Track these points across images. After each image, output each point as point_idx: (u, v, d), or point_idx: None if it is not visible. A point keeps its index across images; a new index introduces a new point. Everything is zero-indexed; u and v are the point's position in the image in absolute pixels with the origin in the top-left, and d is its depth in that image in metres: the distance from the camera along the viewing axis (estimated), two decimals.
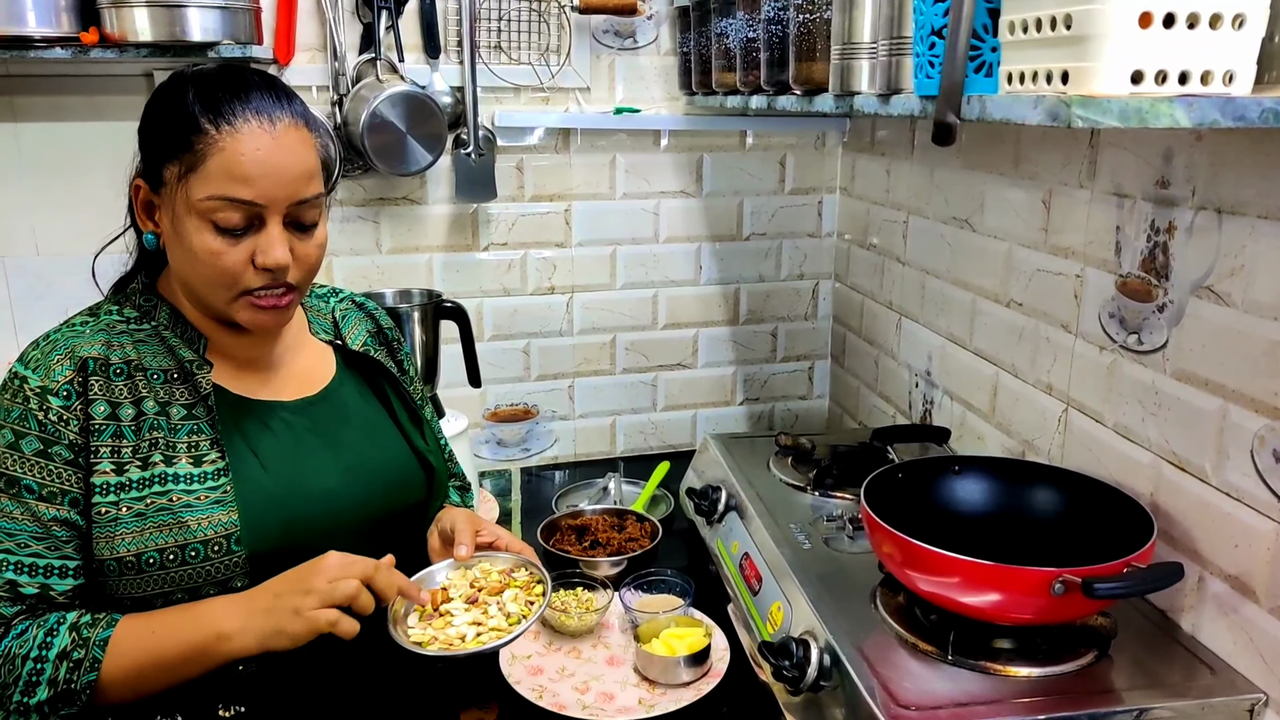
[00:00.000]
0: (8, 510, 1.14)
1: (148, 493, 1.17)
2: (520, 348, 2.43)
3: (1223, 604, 1.29)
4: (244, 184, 1.14)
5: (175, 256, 1.22)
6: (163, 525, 1.16)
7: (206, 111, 1.15)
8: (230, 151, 1.14)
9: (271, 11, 2.07)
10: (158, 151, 1.18)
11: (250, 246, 1.17)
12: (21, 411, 1.15)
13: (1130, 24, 0.86)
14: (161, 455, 1.19)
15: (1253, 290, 1.21)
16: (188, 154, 1.14)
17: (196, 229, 1.16)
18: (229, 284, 1.19)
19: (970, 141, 1.84)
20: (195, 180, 1.14)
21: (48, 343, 1.20)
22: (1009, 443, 1.77)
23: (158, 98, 1.20)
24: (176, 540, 1.17)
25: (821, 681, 1.31)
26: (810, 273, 2.55)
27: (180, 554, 1.17)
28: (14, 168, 2.10)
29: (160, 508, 1.17)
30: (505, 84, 2.24)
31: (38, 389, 1.15)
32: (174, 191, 1.16)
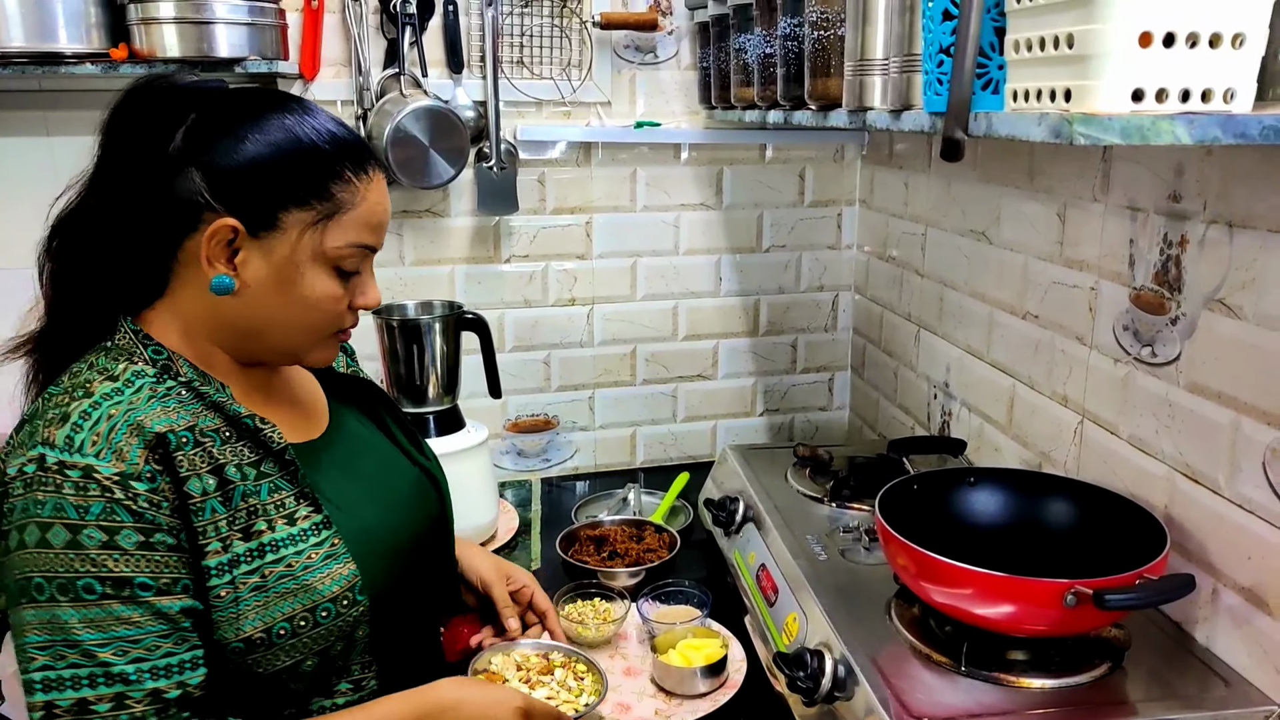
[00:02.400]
0: (126, 616, 1.01)
1: (260, 564, 1.10)
2: (541, 359, 2.46)
3: (1236, 616, 1.30)
4: (375, 232, 1.17)
5: (256, 303, 1.13)
6: (287, 593, 1.11)
7: (347, 162, 1.13)
8: (371, 200, 1.15)
9: (297, 28, 2.10)
10: (278, 197, 1.10)
11: (351, 289, 1.18)
12: (104, 505, 1.00)
13: (1131, 43, 0.87)
14: (264, 521, 1.12)
15: (1264, 303, 1.22)
16: (325, 202, 1.11)
17: (320, 275, 1.14)
18: (332, 325, 1.19)
19: (986, 155, 1.86)
20: (334, 228, 1.12)
21: (95, 421, 1.04)
22: (1026, 454, 1.77)
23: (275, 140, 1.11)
24: (305, 605, 1.12)
25: (836, 693, 1.32)
26: (830, 284, 2.56)
27: (311, 618, 1.12)
28: (48, 181, 2.11)
29: (280, 575, 1.11)
30: (527, 98, 2.26)
31: (115, 477, 1.01)
32: (296, 238, 1.11)
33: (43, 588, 0.99)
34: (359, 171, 1.14)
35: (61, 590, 0.99)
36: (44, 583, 0.99)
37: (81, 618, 0.99)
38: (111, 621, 1.00)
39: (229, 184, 1.08)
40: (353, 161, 1.14)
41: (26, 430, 1.06)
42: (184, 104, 1.12)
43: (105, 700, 0.99)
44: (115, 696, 0.99)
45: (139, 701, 1.00)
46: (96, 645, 0.99)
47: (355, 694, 1.21)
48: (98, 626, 1.00)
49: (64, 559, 0.99)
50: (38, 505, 1.00)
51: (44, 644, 0.99)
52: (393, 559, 1.25)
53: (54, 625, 0.99)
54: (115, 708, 0.99)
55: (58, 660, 0.98)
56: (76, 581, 0.99)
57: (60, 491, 1.00)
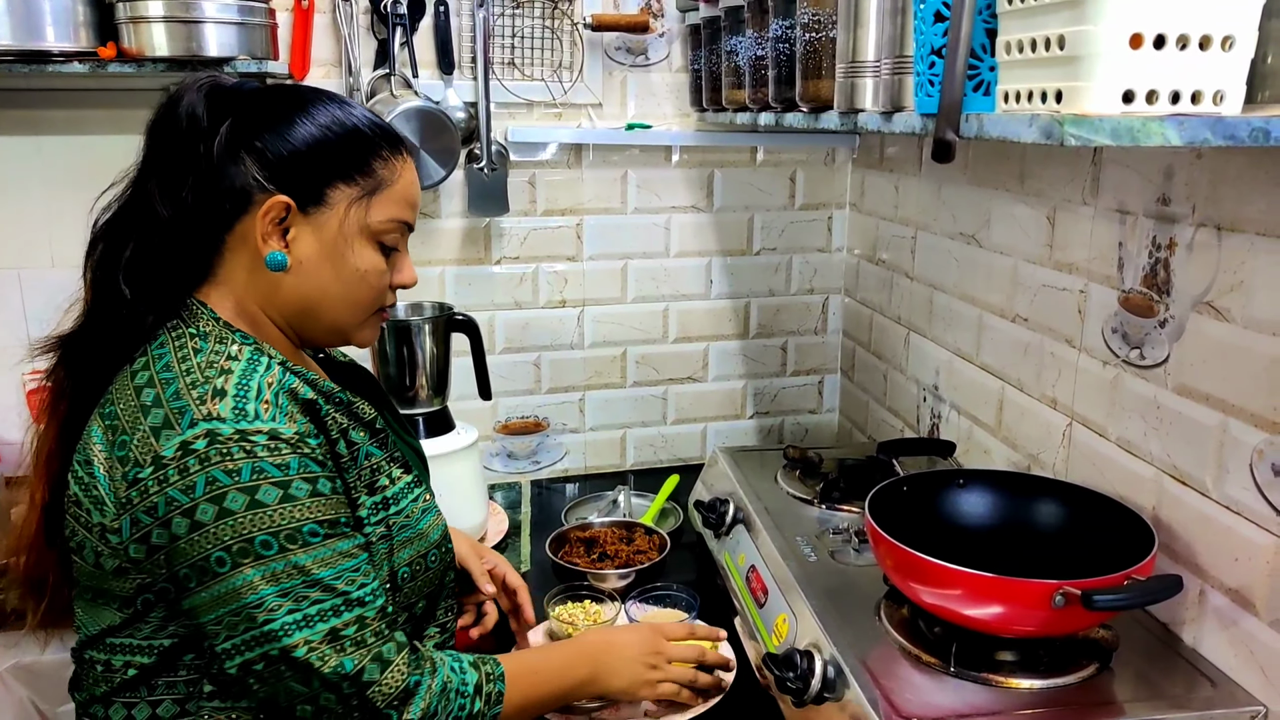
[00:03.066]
0: (346, 550, 1.12)
1: (385, 515, 1.23)
2: (531, 361, 2.45)
3: (1223, 617, 1.30)
4: (412, 209, 1.26)
5: (310, 278, 1.21)
6: (406, 541, 1.25)
7: (384, 141, 1.22)
8: (407, 179, 1.24)
9: (287, 27, 2.10)
10: (325, 173, 1.18)
11: (391, 266, 1.27)
12: (299, 461, 1.10)
13: (1122, 45, 0.87)
14: (385, 478, 1.25)
15: (1252, 306, 1.22)
16: (368, 178, 1.20)
17: (365, 249, 1.22)
18: (378, 301, 1.27)
19: (976, 158, 1.86)
20: (378, 202, 1.21)
21: (256, 391, 1.11)
22: (1015, 457, 1.78)
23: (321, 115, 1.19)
24: (419, 550, 1.27)
25: (825, 693, 1.32)
26: (820, 287, 2.57)
27: (423, 562, 1.28)
28: (34, 180, 2.13)
29: (402, 525, 1.25)
30: (518, 100, 2.26)
31: (295, 437, 1.11)
32: (344, 212, 1.19)
33: (269, 543, 1.06)
34: (396, 152, 1.24)
35: (290, 540, 1.07)
36: (269, 538, 1.06)
37: (314, 559, 1.08)
38: (337, 557, 1.10)
39: (279, 165, 1.17)
40: (390, 143, 1.23)
41: (159, 415, 1.09)
42: (227, 102, 1.19)
43: (350, 624, 1.09)
44: (357, 619, 1.10)
45: (375, 619, 1.12)
46: (333, 579, 1.09)
47: (441, 636, 1.36)
48: (328, 564, 1.09)
49: (283, 513, 1.07)
50: (230, 475, 1.05)
51: (284, 591, 1.06)
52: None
53: (291, 571, 1.07)
54: (359, 628, 1.10)
55: (301, 601, 1.07)
56: (302, 529, 1.08)
57: (254, 456, 1.07)
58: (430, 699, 1.13)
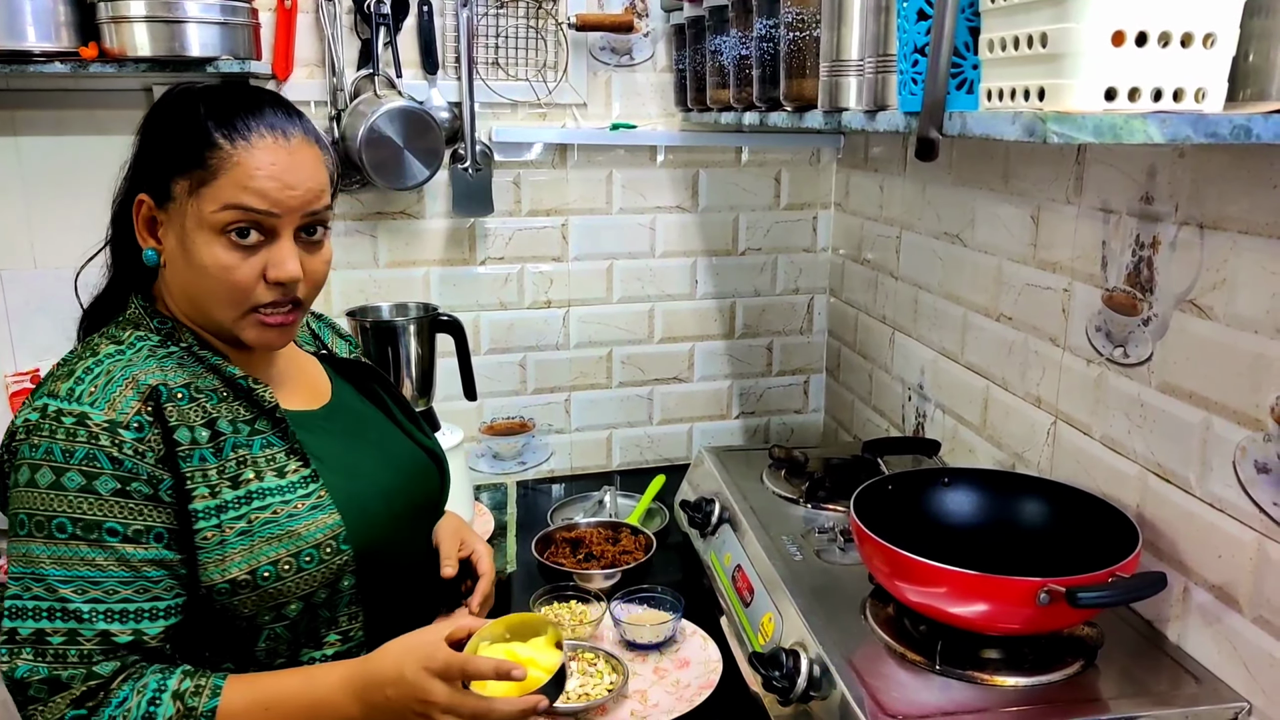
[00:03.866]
0: (90, 558, 1.08)
1: (247, 510, 1.17)
2: (517, 361, 2.45)
3: (1207, 614, 1.31)
4: (258, 196, 1.15)
5: (180, 274, 1.19)
6: (272, 538, 1.17)
7: (221, 126, 1.15)
8: (245, 165, 1.14)
9: (270, 27, 2.09)
10: (166, 166, 1.16)
11: (262, 261, 1.17)
12: (88, 451, 1.08)
13: (1104, 42, 0.87)
14: (251, 471, 1.19)
15: (1234, 304, 1.23)
16: (199, 169, 1.14)
17: (207, 243, 1.15)
18: (240, 300, 1.18)
19: (961, 158, 1.86)
20: (208, 193, 1.14)
21: (95, 375, 1.14)
22: (999, 455, 1.78)
23: (164, 112, 1.20)
24: (289, 550, 1.18)
25: (811, 692, 1.32)
26: (805, 287, 2.57)
27: (295, 562, 1.19)
28: (14, 181, 2.12)
29: (265, 521, 1.17)
30: (503, 100, 2.26)
31: (104, 424, 1.09)
32: (183, 206, 1.16)
33: (24, 524, 1.09)
34: (233, 135, 1.15)
35: (38, 527, 1.08)
36: (25, 519, 1.09)
37: (50, 555, 1.08)
38: (76, 561, 1.08)
39: (139, 161, 1.21)
40: (227, 126, 1.16)
41: (38, 388, 1.16)
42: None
43: (59, 634, 1.07)
44: (68, 632, 1.07)
45: (88, 640, 1.08)
46: (59, 581, 1.08)
47: (344, 645, 1.26)
48: (63, 564, 1.08)
49: (45, 499, 1.08)
50: (33, 449, 1.09)
51: (17, 575, 1.09)
52: (386, 519, 1.31)
53: (27, 559, 1.08)
54: (67, 642, 1.07)
55: (25, 592, 1.08)
56: (51, 520, 1.08)
57: (54, 437, 1.09)
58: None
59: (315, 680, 1.17)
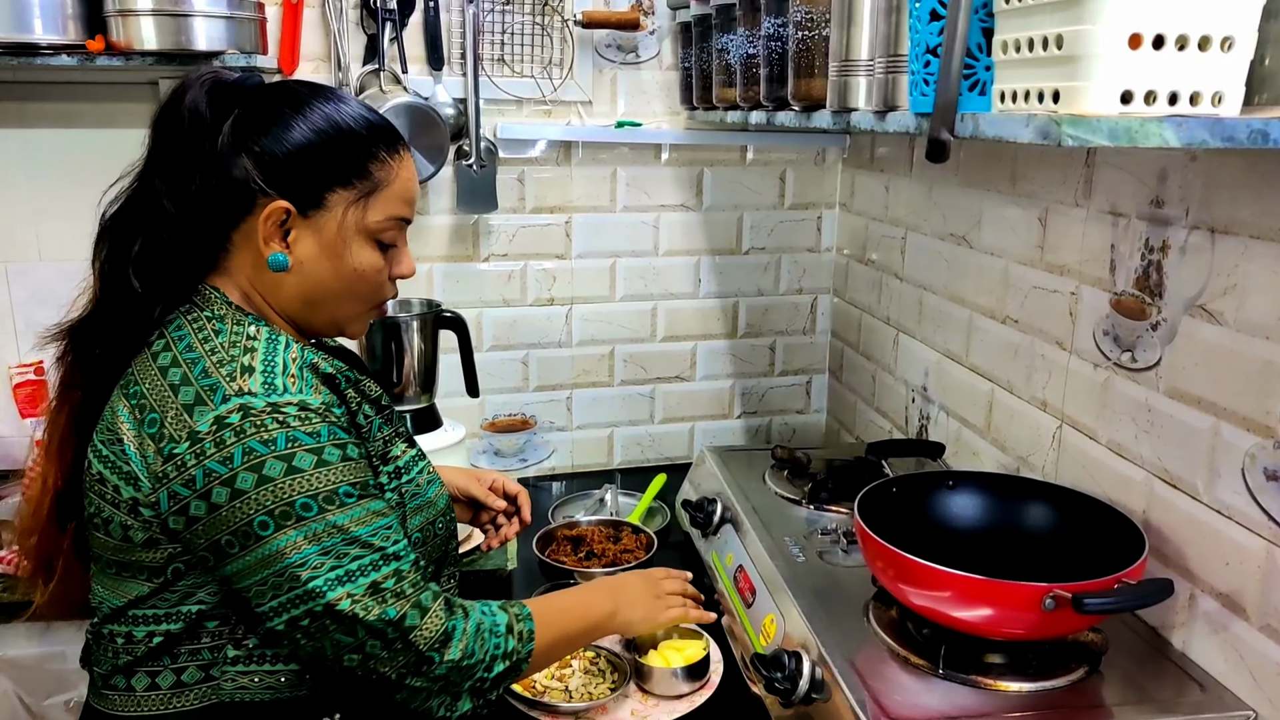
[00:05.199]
0: (378, 509, 1.17)
1: (398, 483, 1.28)
2: (519, 358, 2.44)
3: (1213, 621, 1.30)
4: (409, 206, 1.28)
5: (312, 277, 1.24)
6: (418, 508, 1.30)
7: (380, 141, 1.24)
8: (404, 176, 1.26)
9: (276, 22, 2.08)
10: (323, 178, 1.21)
11: (389, 260, 1.29)
12: (328, 429, 1.15)
13: (1120, 45, 0.87)
14: (397, 449, 1.31)
15: (1245, 309, 1.22)
16: (364, 180, 1.22)
17: (364, 248, 1.25)
18: (377, 295, 1.31)
19: (968, 159, 1.86)
20: (374, 204, 1.23)
21: (282, 367, 1.18)
22: (1004, 459, 1.78)
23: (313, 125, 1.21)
24: (429, 517, 1.32)
25: (813, 694, 1.32)
26: (809, 287, 2.56)
27: (432, 529, 1.33)
28: (20, 173, 2.11)
29: (413, 493, 1.30)
30: (508, 96, 2.25)
31: (321, 407, 1.16)
32: (341, 215, 1.22)
33: (309, 505, 1.11)
34: (392, 151, 1.25)
35: (328, 501, 1.12)
36: (310, 501, 1.11)
37: (351, 518, 1.13)
38: (371, 516, 1.15)
39: (278, 169, 1.19)
40: (386, 143, 1.25)
41: (190, 392, 1.13)
42: (228, 99, 1.21)
43: (389, 577, 1.14)
44: (394, 573, 1.15)
45: (410, 571, 1.17)
46: (370, 536, 1.14)
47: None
48: (364, 522, 1.14)
49: (319, 477, 1.12)
50: (266, 445, 1.10)
51: (325, 549, 1.11)
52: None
53: (331, 531, 1.12)
54: (397, 580, 1.15)
55: (342, 558, 1.12)
56: (338, 490, 1.13)
57: (287, 426, 1.12)
58: (467, 640, 1.19)
59: (564, 592, 1.46)
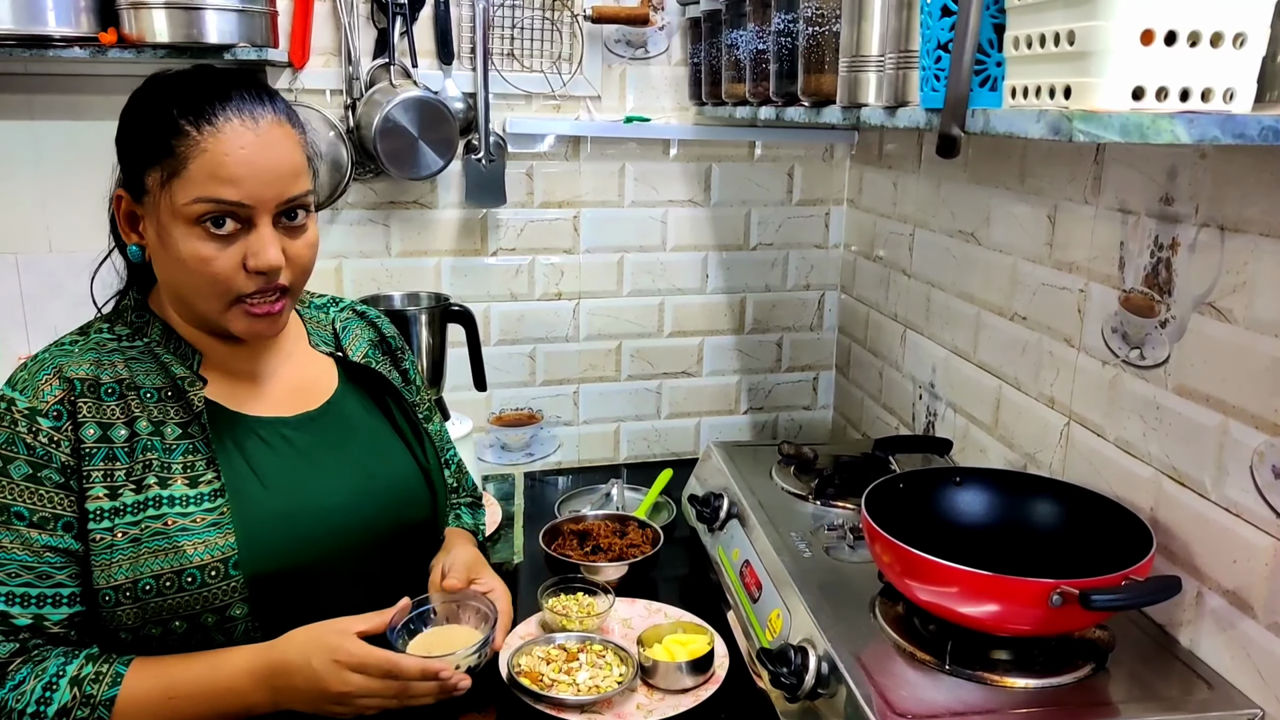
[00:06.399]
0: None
1: (142, 517, 1.13)
2: (526, 353, 2.45)
3: (1221, 619, 1.30)
4: (230, 185, 1.11)
5: (163, 267, 1.19)
6: (158, 551, 1.13)
7: (186, 113, 1.11)
8: (213, 152, 1.11)
9: (288, 15, 2.09)
10: (138, 158, 1.15)
11: (241, 250, 1.14)
12: (9, 435, 1.11)
13: (1132, 41, 0.87)
14: (156, 477, 1.15)
15: (1254, 307, 1.22)
16: (169, 158, 1.11)
17: (184, 235, 1.12)
18: (221, 291, 1.16)
19: (977, 156, 1.86)
20: (179, 184, 1.11)
21: (35, 364, 1.17)
22: (1011, 455, 1.78)
23: (134, 104, 1.18)
24: (172, 566, 1.13)
25: (819, 689, 1.32)
26: (816, 283, 2.56)
27: (176, 580, 1.13)
28: (31, 165, 2.12)
29: (155, 532, 1.13)
30: (517, 91, 2.25)
31: (25, 411, 1.12)
32: (157, 199, 1.13)
33: None
34: (200, 121, 1.11)
35: None
36: None
37: None
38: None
39: (119, 155, 1.20)
40: (193, 112, 1.12)
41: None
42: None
43: None
44: None
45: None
46: None
47: None
48: None
49: None
50: None
51: None
52: (320, 542, 1.23)
53: None
54: None
55: None
56: None
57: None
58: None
59: (220, 667, 1.15)
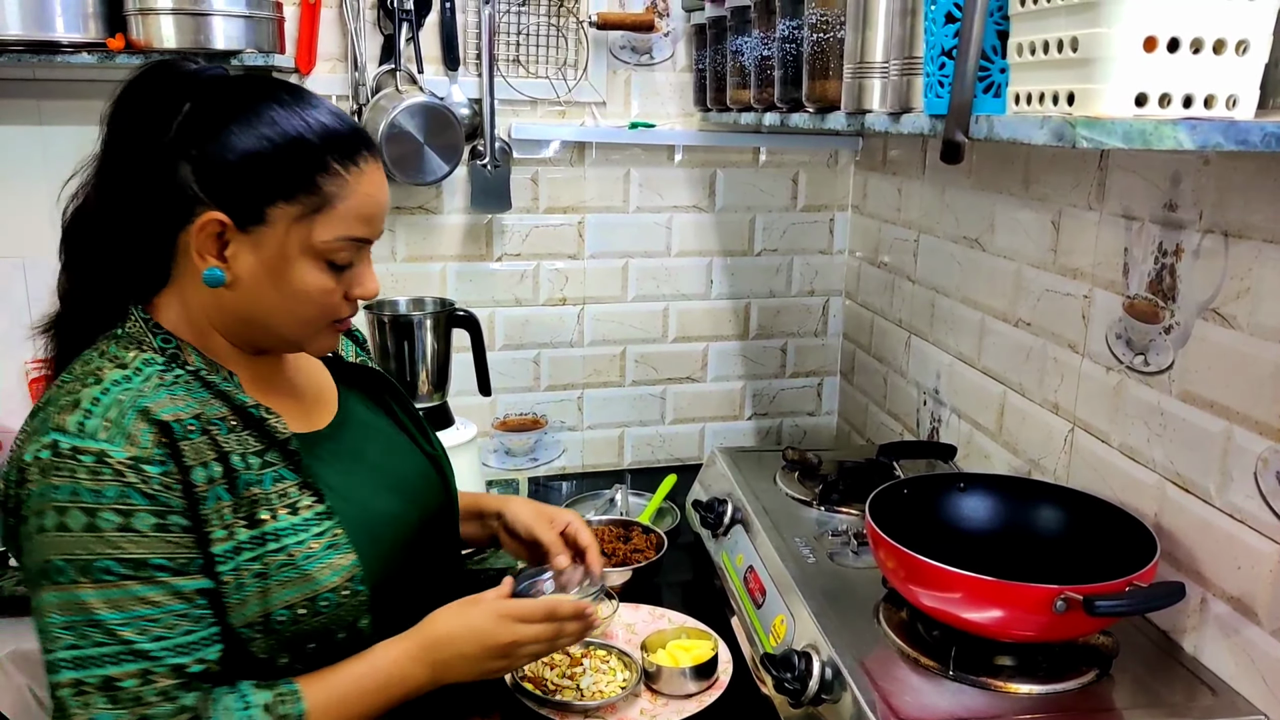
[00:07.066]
0: (146, 596, 1.03)
1: (261, 551, 1.11)
2: (531, 358, 2.45)
3: (1225, 625, 1.30)
4: (368, 224, 1.15)
5: (255, 295, 1.14)
6: (286, 582, 1.12)
7: (333, 152, 1.11)
8: (360, 194, 1.13)
9: (294, 21, 2.10)
10: (263, 191, 1.09)
11: (349, 280, 1.17)
12: (119, 490, 1.02)
13: (1135, 48, 0.87)
14: (266, 510, 1.13)
15: (1258, 313, 1.22)
16: (312, 196, 1.10)
17: (308, 268, 1.13)
18: (326, 317, 1.18)
19: (981, 162, 1.86)
20: (322, 222, 1.11)
21: (105, 407, 1.06)
22: (1015, 461, 1.78)
23: (263, 134, 1.09)
24: (304, 594, 1.13)
25: (823, 695, 1.32)
26: (821, 289, 2.57)
27: (311, 606, 1.13)
28: (39, 170, 2.13)
29: (281, 564, 1.12)
30: (522, 97, 2.26)
31: (128, 461, 1.03)
32: (283, 232, 1.10)
33: (63, 570, 1.01)
34: (347, 163, 1.12)
35: (82, 572, 1.01)
36: (64, 565, 1.01)
37: (103, 598, 1.01)
38: (132, 601, 1.02)
39: (217, 178, 1.09)
40: (341, 153, 1.12)
41: (40, 417, 1.08)
42: (181, 93, 1.12)
43: (131, 676, 1.02)
44: (140, 672, 1.02)
45: (163, 676, 1.03)
46: (119, 624, 1.02)
47: None
48: (118, 607, 1.02)
49: (82, 542, 1.01)
50: (54, 490, 1.01)
51: (68, 624, 1.01)
52: (397, 548, 1.26)
53: (77, 606, 1.01)
54: (141, 683, 1.02)
55: (82, 640, 1.01)
56: (95, 563, 1.01)
57: (75, 476, 1.02)
58: None
59: (377, 662, 1.18)
